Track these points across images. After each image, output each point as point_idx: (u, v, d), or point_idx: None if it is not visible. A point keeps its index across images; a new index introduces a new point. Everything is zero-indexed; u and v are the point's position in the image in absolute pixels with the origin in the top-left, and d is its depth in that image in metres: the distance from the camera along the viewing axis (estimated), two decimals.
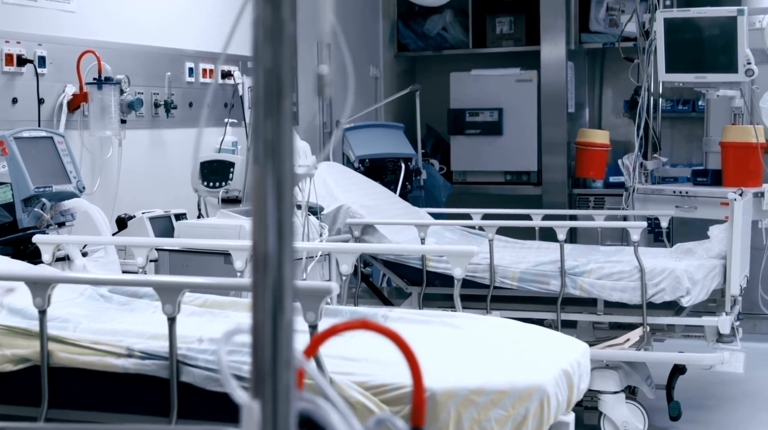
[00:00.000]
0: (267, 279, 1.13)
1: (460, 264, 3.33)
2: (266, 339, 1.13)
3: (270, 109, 1.12)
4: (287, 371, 1.14)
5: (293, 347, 1.14)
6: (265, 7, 1.10)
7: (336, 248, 3.80)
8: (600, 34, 7.50)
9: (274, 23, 1.12)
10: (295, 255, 1.15)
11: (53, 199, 4.10)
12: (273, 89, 1.13)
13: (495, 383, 2.46)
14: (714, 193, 5.63)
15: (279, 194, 1.12)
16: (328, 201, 5.21)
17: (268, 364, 1.13)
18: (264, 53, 1.12)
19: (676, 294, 4.67)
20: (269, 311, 1.13)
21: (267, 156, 1.12)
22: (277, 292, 1.13)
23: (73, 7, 4.83)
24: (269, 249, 1.13)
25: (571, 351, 2.84)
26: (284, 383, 1.13)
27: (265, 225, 1.13)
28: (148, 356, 2.62)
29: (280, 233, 1.13)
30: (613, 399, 4.71)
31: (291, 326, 1.14)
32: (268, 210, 1.12)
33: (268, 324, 1.14)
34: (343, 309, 3.20)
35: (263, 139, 1.12)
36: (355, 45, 7.48)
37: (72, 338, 2.72)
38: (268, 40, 1.12)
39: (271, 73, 1.12)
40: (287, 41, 1.12)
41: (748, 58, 5.53)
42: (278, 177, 1.13)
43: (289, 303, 1.14)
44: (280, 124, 1.12)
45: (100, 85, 4.73)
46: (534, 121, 7.49)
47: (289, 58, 1.12)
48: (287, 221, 1.13)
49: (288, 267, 1.14)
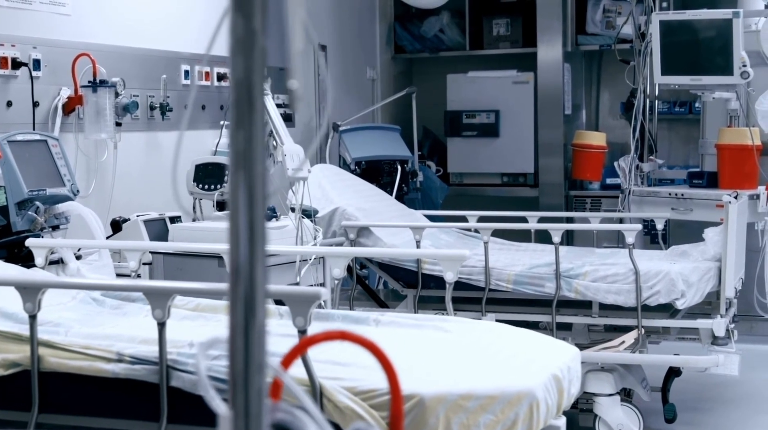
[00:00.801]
0: (238, 289, 1.14)
1: (452, 268, 3.33)
2: (238, 348, 1.14)
3: (241, 120, 1.13)
4: (259, 378, 1.14)
5: (265, 355, 1.14)
6: (236, 17, 1.11)
7: (328, 252, 3.80)
8: (596, 36, 7.50)
9: (246, 34, 1.12)
10: (266, 264, 1.16)
11: (47, 202, 4.10)
12: (244, 100, 1.13)
13: (484, 388, 2.46)
14: (709, 196, 5.64)
15: (251, 204, 1.13)
16: (323, 203, 5.21)
17: (240, 372, 1.14)
18: (236, 64, 1.12)
19: (670, 297, 4.68)
20: (241, 320, 1.14)
21: (238, 167, 1.12)
22: (249, 301, 1.14)
23: (68, 10, 4.83)
24: (240, 259, 1.13)
25: (561, 355, 2.84)
26: (256, 392, 1.14)
27: (237, 235, 1.13)
28: (138, 361, 2.62)
29: (251, 242, 1.14)
30: (608, 402, 4.71)
31: (263, 334, 1.15)
32: (240, 220, 1.13)
33: (240, 332, 1.14)
34: (336, 313, 3.21)
35: (234, 150, 1.12)
36: (352, 47, 7.48)
37: (62, 343, 2.73)
38: (239, 51, 1.12)
39: (242, 84, 1.13)
40: (258, 53, 1.12)
41: (743, 61, 5.54)
42: (250, 187, 1.13)
43: (261, 312, 1.15)
44: (252, 135, 1.13)
45: (95, 88, 4.73)
46: (531, 123, 7.50)
47: (261, 69, 1.13)
48: (259, 230, 1.14)
49: (260, 276, 1.15)
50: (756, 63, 5.65)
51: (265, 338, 1.15)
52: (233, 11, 1.09)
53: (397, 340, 2.93)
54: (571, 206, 7.39)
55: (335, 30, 7.20)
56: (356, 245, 5.09)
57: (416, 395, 2.39)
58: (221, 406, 1.18)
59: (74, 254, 3.99)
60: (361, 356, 2.68)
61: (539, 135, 7.44)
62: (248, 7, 1.10)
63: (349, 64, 7.40)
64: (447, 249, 5.18)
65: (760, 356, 6.09)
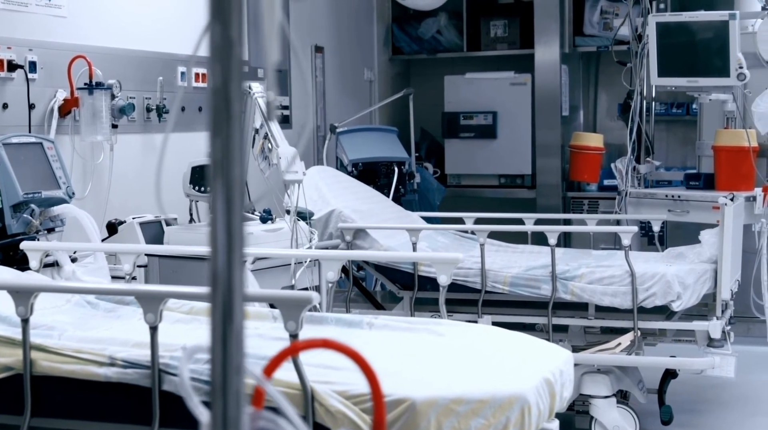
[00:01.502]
0: (217, 295, 1.15)
1: (446, 271, 3.33)
2: (217, 351, 1.15)
3: (218, 129, 1.13)
4: (237, 381, 1.15)
5: (243, 358, 1.15)
6: (214, 25, 1.11)
7: (321, 255, 3.80)
8: (594, 38, 7.50)
9: (223, 42, 1.12)
10: (245, 269, 1.16)
11: (42, 205, 4.10)
12: (221, 109, 1.13)
13: (476, 392, 2.46)
14: (706, 197, 5.64)
15: (229, 212, 1.13)
16: (320, 205, 5.21)
17: (219, 374, 1.15)
18: (214, 72, 1.13)
19: (666, 299, 4.68)
20: (219, 325, 1.15)
21: (216, 174, 1.13)
22: (227, 306, 1.15)
23: (64, 12, 4.83)
24: (218, 266, 1.14)
25: (554, 359, 2.84)
26: (235, 394, 1.15)
27: (215, 242, 1.14)
28: (131, 365, 2.63)
29: (229, 249, 1.14)
30: (604, 403, 4.71)
31: (241, 338, 1.15)
32: (218, 227, 1.13)
33: (218, 336, 1.15)
34: (329, 316, 3.21)
35: (212, 157, 1.13)
36: (350, 48, 7.49)
37: (54, 347, 2.73)
38: (217, 59, 1.12)
39: (219, 92, 1.13)
40: (236, 62, 1.12)
41: (740, 62, 5.54)
42: (228, 195, 1.14)
43: (239, 317, 1.16)
44: (229, 143, 1.13)
45: (91, 90, 4.73)
46: (528, 124, 7.50)
47: (239, 78, 1.13)
48: (237, 238, 1.15)
49: (237, 282, 1.16)
50: (753, 65, 5.65)
51: (244, 341, 1.17)
52: (211, 19, 1.09)
53: (390, 343, 2.93)
54: (569, 208, 7.40)
55: (333, 31, 7.21)
56: (353, 247, 5.10)
57: (407, 399, 2.39)
58: (202, 411, 1.19)
59: (69, 257, 3.99)
60: None
61: (536, 136, 7.44)
62: (226, 15, 1.10)
63: (346, 65, 7.40)
64: (442, 251, 5.19)
65: (757, 357, 6.09)
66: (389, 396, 2.40)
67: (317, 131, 6.92)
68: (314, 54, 6.93)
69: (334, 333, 3.03)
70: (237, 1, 1.09)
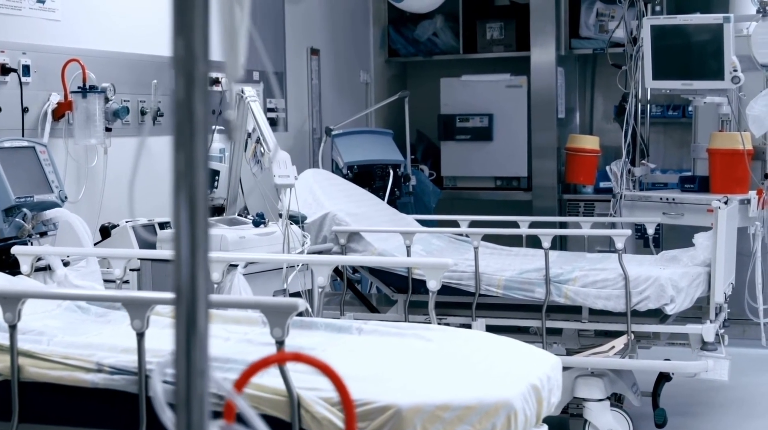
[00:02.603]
0: (180, 309, 1.15)
1: (435, 276, 3.33)
2: (181, 360, 1.16)
3: (182, 142, 1.13)
4: (201, 384, 1.16)
5: (206, 363, 1.16)
6: (177, 39, 1.11)
7: (311, 260, 3.80)
8: (590, 40, 7.50)
9: (186, 55, 1.12)
10: (210, 284, 1.17)
11: (35, 209, 4.10)
12: (184, 122, 1.13)
13: (462, 399, 2.46)
14: (700, 200, 5.64)
15: (192, 224, 1.13)
16: (314, 208, 5.22)
17: (182, 384, 1.16)
18: (177, 85, 1.13)
19: (660, 302, 4.68)
20: (183, 341, 1.15)
21: (179, 187, 1.13)
22: (191, 316, 1.16)
23: (58, 16, 4.84)
24: (182, 277, 1.14)
25: (541, 365, 2.84)
26: (198, 398, 1.16)
27: (179, 254, 1.14)
28: (118, 372, 2.63)
29: (192, 261, 1.15)
30: (598, 407, 4.71)
31: (204, 344, 1.16)
32: (182, 239, 1.13)
33: (182, 346, 1.16)
34: (319, 321, 3.21)
35: (175, 170, 1.13)
36: (346, 50, 7.49)
37: (42, 353, 2.73)
38: (180, 73, 1.12)
39: (182, 106, 1.13)
40: (199, 75, 1.12)
41: (734, 66, 5.54)
42: (191, 208, 1.14)
43: (203, 324, 1.16)
44: (192, 157, 1.13)
45: (84, 94, 4.73)
46: (524, 126, 7.50)
47: (203, 92, 1.13)
48: (200, 249, 1.15)
49: (201, 293, 1.16)
50: (747, 68, 5.65)
51: (208, 347, 1.17)
52: (174, 33, 1.09)
53: (379, 349, 2.93)
54: (565, 210, 7.39)
55: (328, 33, 7.20)
56: (347, 250, 5.10)
57: (393, 405, 2.39)
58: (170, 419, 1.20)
59: (62, 261, 3.99)
60: (342, 365, 2.69)
61: (532, 139, 7.44)
62: (189, 29, 1.10)
63: (342, 67, 7.40)
64: (436, 254, 5.19)
65: (752, 360, 6.10)
66: (375, 403, 2.41)
67: (313, 134, 6.92)
68: (310, 56, 6.93)
69: (324, 338, 3.04)
70: (200, 14, 1.09)
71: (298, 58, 6.83)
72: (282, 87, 6.61)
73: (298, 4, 6.79)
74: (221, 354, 2.72)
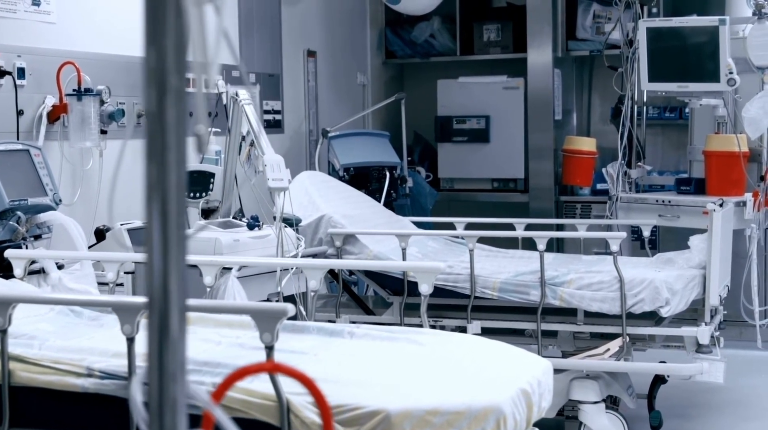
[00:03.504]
0: (153, 321, 1.16)
1: (427, 280, 3.33)
2: (153, 362, 1.17)
3: (153, 153, 1.13)
4: (174, 388, 1.17)
5: (179, 366, 1.16)
6: (149, 50, 1.11)
7: (303, 264, 3.80)
8: (587, 42, 7.50)
9: (158, 68, 1.12)
10: (186, 290, 1.17)
11: (29, 212, 4.10)
12: (156, 133, 1.14)
13: (451, 404, 2.46)
14: (696, 202, 5.64)
15: (164, 234, 1.14)
16: (310, 211, 5.22)
17: (155, 395, 1.17)
18: (149, 96, 1.13)
19: (655, 304, 4.68)
20: (155, 353, 1.16)
21: (152, 198, 1.13)
22: (163, 324, 1.16)
23: (53, 18, 4.84)
24: (154, 287, 1.15)
25: (532, 369, 2.84)
26: (171, 402, 1.16)
27: (151, 264, 1.15)
28: (108, 376, 2.63)
29: (165, 271, 1.15)
30: (593, 409, 4.72)
31: (177, 351, 1.16)
32: (154, 249, 1.14)
33: (154, 363, 1.17)
34: (311, 325, 3.21)
35: (148, 181, 1.13)
36: (343, 52, 7.49)
37: (33, 358, 2.73)
38: (151, 84, 1.12)
39: (154, 118, 1.13)
40: (171, 87, 1.12)
41: (730, 68, 5.54)
42: (163, 218, 1.14)
43: (175, 330, 1.17)
44: (164, 167, 1.13)
45: (79, 97, 4.73)
46: (521, 128, 7.51)
47: (175, 104, 1.13)
48: (173, 259, 1.15)
49: (173, 305, 1.16)
50: (743, 70, 5.65)
51: (181, 353, 1.18)
52: (146, 44, 1.09)
53: (370, 353, 2.94)
54: (561, 212, 7.40)
55: (325, 35, 7.21)
56: (342, 253, 5.10)
57: (382, 410, 2.40)
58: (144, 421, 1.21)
59: (56, 264, 3.99)
60: (333, 370, 2.70)
61: (529, 140, 7.44)
62: (161, 40, 1.10)
63: (339, 69, 7.40)
64: (428, 259, 5.19)
65: (749, 362, 6.10)
66: (364, 408, 2.41)
67: (309, 136, 6.93)
68: (306, 58, 6.93)
69: (316, 342, 3.04)
70: (172, 25, 1.09)
71: (294, 60, 6.83)
72: (279, 89, 6.61)
73: (295, 5, 6.80)
74: (212, 358, 2.72)
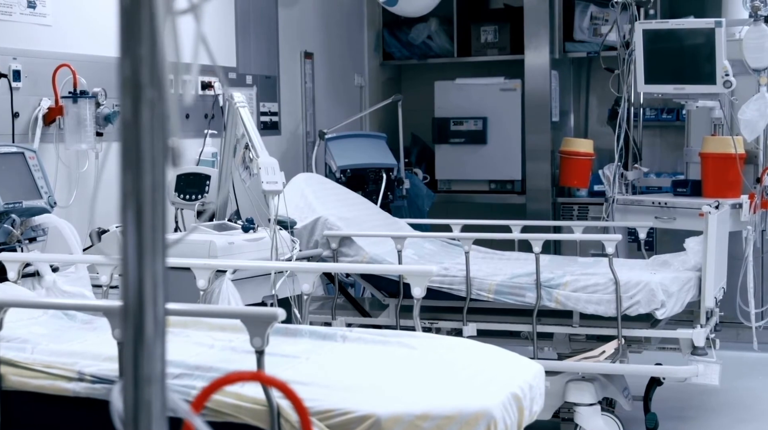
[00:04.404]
0: (127, 331, 1.16)
1: (419, 283, 3.33)
2: (128, 379, 1.17)
3: (128, 162, 1.14)
4: (149, 391, 1.17)
5: (153, 370, 1.17)
6: (123, 60, 1.11)
7: (295, 267, 3.80)
8: (584, 43, 7.51)
9: (133, 78, 1.12)
10: (164, 295, 1.18)
11: (23, 215, 4.10)
12: (131, 143, 1.14)
13: (441, 408, 2.46)
14: (692, 204, 5.63)
15: (139, 243, 1.14)
16: (306, 213, 5.22)
17: (130, 385, 1.17)
18: (123, 106, 1.13)
19: (650, 307, 4.68)
20: (131, 362, 1.16)
21: (126, 207, 1.13)
22: (138, 345, 1.17)
23: (49, 21, 4.84)
24: (129, 297, 1.16)
25: (523, 373, 2.84)
26: (146, 411, 1.17)
27: (127, 274, 1.15)
28: (99, 380, 2.63)
29: (140, 280, 1.15)
30: (589, 411, 4.72)
31: (152, 356, 1.17)
32: (129, 258, 1.14)
33: (129, 367, 1.17)
34: (304, 329, 3.21)
35: (122, 190, 1.14)
36: (340, 54, 7.49)
37: (24, 362, 2.74)
38: (126, 94, 1.13)
39: (129, 127, 1.13)
40: (146, 97, 1.12)
41: (726, 70, 5.53)
42: (138, 228, 1.15)
43: (150, 332, 1.17)
44: (140, 176, 1.14)
45: (75, 99, 4.73)
46: (518, 129, 7.51)
47: (150, 113, 1.13)
48: (147, 267, 1.16)
49: (149, 321, 1.17)
50: (739, 72, 5.65)
51: (156, 356, 1.19)
52: (121, 53, 1.09)
53: (361, 357, 2.94)
54: (559, 213, 7.40)
55: (322, 37, 7.21)
56: (338, 255, 5.10)
57: (372, 415, 2.40)
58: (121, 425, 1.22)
59: (51, 266, 3.99)
60: (324, 375, 2.70)
61: (526, 142, 7.45)
62: (136, 49, 1.10)
63: (336, 71, 7.40)
64: (424, 260, 5.19)
65: (745, 363, 6.10)
66: (354, 412, 2.41)
67: (306, 137, 6.93)
68: (304, 60, 6.93)
69: (308, 346, 3.04)
70: (147, 35, 1.09)
71: (291, 61, 6.83)
72: (276, 90, 6.62)
73: (292, 7, 6.80)
74: (204, 362, 2.72)
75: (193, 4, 1.14)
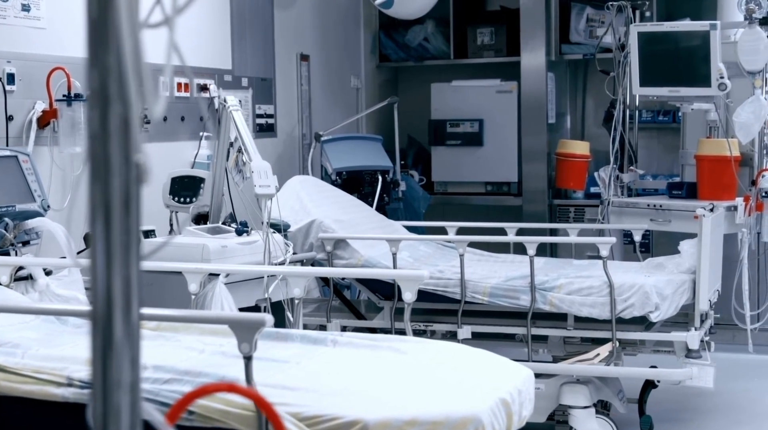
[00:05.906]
0: (96, 340, 1.16)
1: (410, 288, 3.33)
2: (97, 384, 1.18)
3: (97, 175, 1.14)
4: (118, 396, 1.18)
5: (123, 375, 1.17)
6: (92, 71, 1.11)
7: (286, 272, 3.81)
8: (580, 45, 7.50)
9: (101, 88, 1.12)
10: (135, 300, 1.18)
11: (17, 218, 4.10)
12: (99, 155, 1.14)
13: (429, 414, 2.46)
14: (687, 207, 5.63)
15: (108, 253, 1.14)
16: (301, 215, 5.22)
17: (99, 389, 1.18)
18: (91, 119, 1.13)
19: (645, 309, 4.69)
20: (99, 370, 1.17)
21: (96, 218, 1.14)
22: (106, 355, 1.17)
23: (43, 24, 4.84)
24: (98, 310, 1.16)
25: (512, 378, 2.84)
26: (115, 410, 1.17)
27: (95, 282, 1.16)
28: (88, 385, 2.63)
29: (108, 289, 1.16)
30: (583, 414, 4.72)
31: (121, 359, 1.17)
32: (98, 266, 1.14)
33: (98, 380, 1.18)
34: (294, 333, 3.21)
35: (90, 202, 1.14)
36: (336, 56, 7.49)
37: (14, 367, 2.73)
38: (94, 106, 1.13)
39: (97, 139, 1.13)
40: (114, 109, 1.12)
41: (721, 72, 5.54)
42: (107, 238, 1.15)
43: (120, 337, 1.18)
44: (108, 188, 1.14)
45: (69, 102, 4.74)
46: (514, 131, 7.50)
47: (118, 125, 1.13)
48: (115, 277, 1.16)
49: (119, 330, 1.17)
50: (734, 74, 5.65)
51: (126, 361, 1.19)
52: (89, 65, 1.10)
53: (352, 362, 2.94)
54: (555, 215, 7.40)
55: (319, 39, 7.21)
56: (333, 258, 5.10)
57: (360, 421, 2.40)
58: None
59: (44, 270, 3.99)
60: (312, 380, 2.70)
61: (523, 144, 7.44)
62: (104, 61, 1.10)
63: (332, 73, 7.40)
64: (420, 263, 5.19)
65: (740, 365, 6.10)
66: (342, 418, 2.41)
67: (302, 140, 6.93)
68: (299, 62, 6.93)
69: (298, 351, 3.04)
70: (115, 47, 1.09)
71: (287, 63, 6.83)
72: (271, 93, 6.61)
73: (288, 9, 6.80)
74: (193, 367, 2.72)
75: (167, 17, 1.14)
